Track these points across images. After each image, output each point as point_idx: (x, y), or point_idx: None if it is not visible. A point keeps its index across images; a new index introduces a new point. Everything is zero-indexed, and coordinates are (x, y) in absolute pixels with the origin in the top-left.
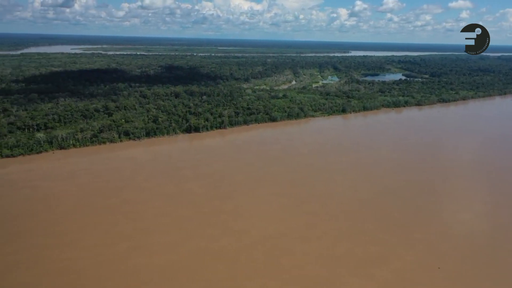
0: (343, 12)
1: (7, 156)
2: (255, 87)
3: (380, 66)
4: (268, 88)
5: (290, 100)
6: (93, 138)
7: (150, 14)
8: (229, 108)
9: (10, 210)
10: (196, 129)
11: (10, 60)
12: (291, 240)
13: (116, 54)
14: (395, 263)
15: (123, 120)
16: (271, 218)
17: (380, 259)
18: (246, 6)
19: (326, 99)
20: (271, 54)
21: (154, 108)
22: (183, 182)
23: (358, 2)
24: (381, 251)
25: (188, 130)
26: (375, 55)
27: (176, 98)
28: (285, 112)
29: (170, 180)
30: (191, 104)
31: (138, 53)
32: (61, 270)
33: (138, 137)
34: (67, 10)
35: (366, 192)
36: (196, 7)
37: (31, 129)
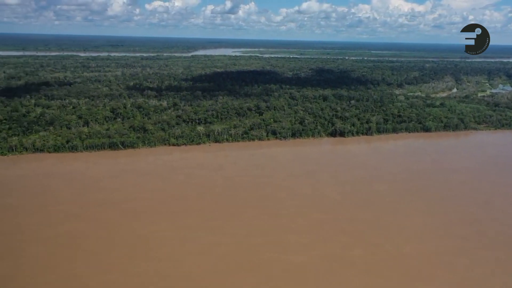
0: None
1: (173, 145)
2: (409, 94)
3: None
4: (423, 95)
5: (449, 110)
6: (244, 135)
7: (305, 19)
8: (377, 114)
9: (167, 191)
10: (341, 134)
11: (183, 61)
12: (432, 263)
13: (271, 57)
14: None
15: (272, 119)
16: (411, 235)
17: None
18: (406, 7)
19: (494, 110)
20: (430, 59)
21: (302, 109)
22: (321, 185)
23: None
24: None
25: (333, 133)
26: None
27: (324, 101)
28: (441, 122)
29: (308, 181)
30: (338, 108)
31: (291, 56)
32: (204, 252)
33: (284, 137)
34: (232, 16)
35: None
36: (352, 10)
37: (193, 123)
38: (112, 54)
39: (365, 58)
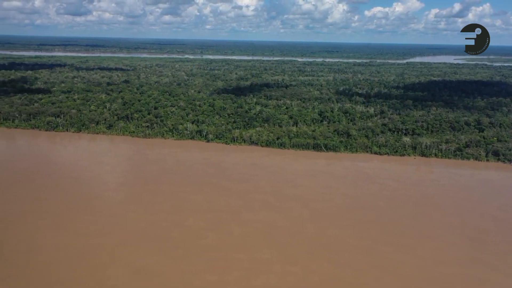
0: None
1: (375, 153)
2: None
3: None
4: None
5: None
6: (457, 152)
7: None
8: None
9: (356, 198)
10: None
11: (396, 68)
12: None
13: (503, 66)
14: None
15: (496, 138)
16: None
17: None
18: None
19: None
20: None
21: None
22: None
23: None
24: None
25: None
26: None
27: None
28: None
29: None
30: None
31: None
32: (387, 268)
33: (510, 160)
34: (459, 20)
35: None
36: None
37: (399, 133)
38: (327, 60)
39: None
